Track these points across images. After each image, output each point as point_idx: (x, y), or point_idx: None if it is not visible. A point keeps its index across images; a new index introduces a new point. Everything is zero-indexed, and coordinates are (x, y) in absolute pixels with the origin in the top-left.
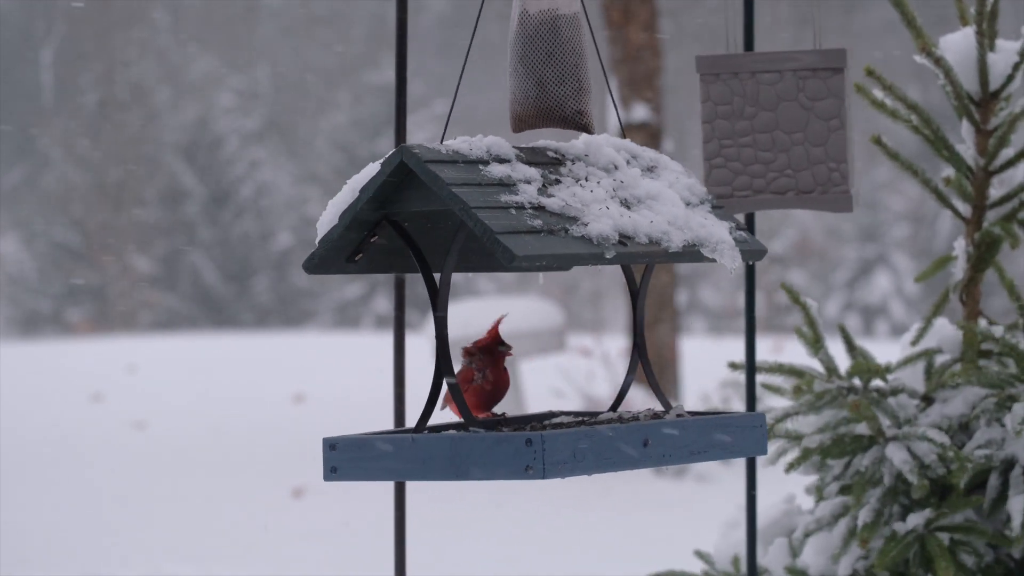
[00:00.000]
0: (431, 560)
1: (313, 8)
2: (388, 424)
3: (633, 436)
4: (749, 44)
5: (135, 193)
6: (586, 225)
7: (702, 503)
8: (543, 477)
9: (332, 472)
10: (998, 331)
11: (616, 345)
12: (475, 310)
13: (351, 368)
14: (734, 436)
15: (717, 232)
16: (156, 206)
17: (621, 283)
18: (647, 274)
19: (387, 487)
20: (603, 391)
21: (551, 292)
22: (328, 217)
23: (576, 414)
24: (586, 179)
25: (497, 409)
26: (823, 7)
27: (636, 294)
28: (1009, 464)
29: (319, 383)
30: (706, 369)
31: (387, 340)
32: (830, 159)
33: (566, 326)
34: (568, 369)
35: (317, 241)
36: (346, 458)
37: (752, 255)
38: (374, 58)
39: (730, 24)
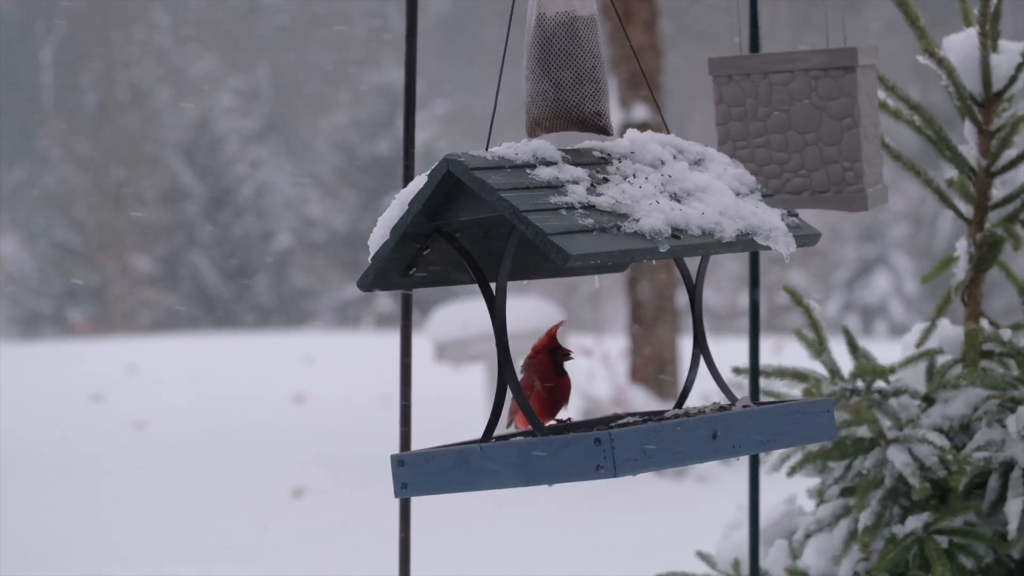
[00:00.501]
0: (432, 560)
1: (313, 8)
2: (391, 424)
3: (701, 429)
4: (755, 45)
5: (135, 193)
6: (638, 221)
7: (702, 503)
8: (614, 475)
9: (403, 488)
10: (1007, 334)
11: (616, 345)
12: (474, 310)
13: (351, 368)
14: (802, 423)
15: (770, 219)
16: (156, 206)
17: (621, 284)
18: (703, 267)
19: (386, 487)
20: (603, 391)
21: (551, 292)
22: (379, 233)
23: (642, 415)
24: (634, 176)
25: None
26: (823, 7)
27: (693, 289)
28: (1009, 466)
29: (319, 383)
30: (706, 369)
31: (387, 340)
32: (844, 158)
33: (566, 326)
34: (568, 369)
35: (370, 258)
36: (415, 473)
37: (806, 240)
38: (374, 58)
39: (737, 26)
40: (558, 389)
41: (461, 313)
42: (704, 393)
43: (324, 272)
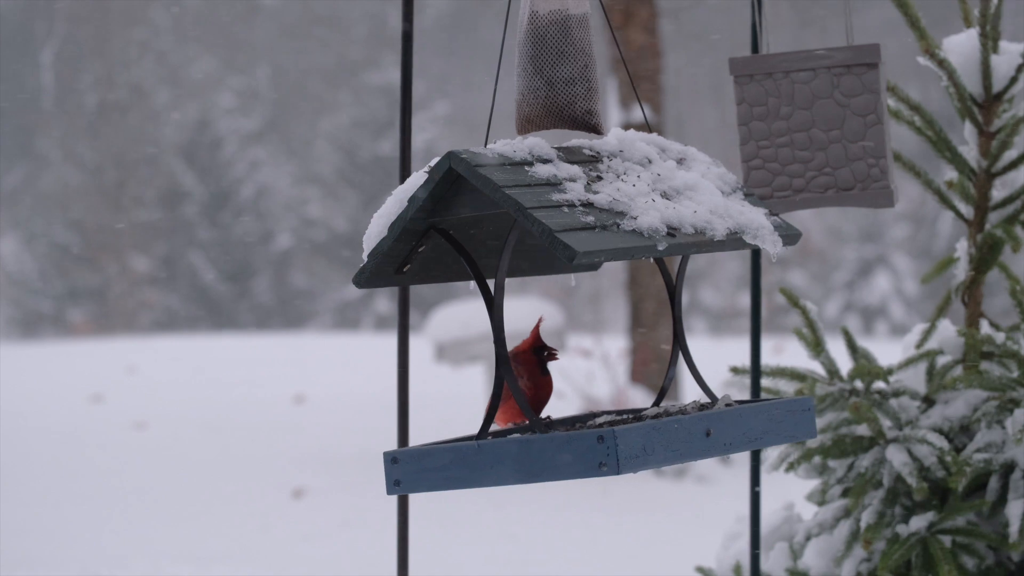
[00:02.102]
0: (431, 560)
1: (313, 8)
2: (391, 424)
3: (697, 427)
4: (755, 46)
5: (135, 194)
6: (635, 219)
7: (702, 504)
8: (617, 472)
9: (396, 485)
10: (999, 338)
11: (616, 345)
12: (475, 310)
13: (351, 369)
14: (784, 421)
15: (756, 218)
16: (156, 207)
17: (621, 283)
18: (682, 267)
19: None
20: (603, 391)
21: (551, 293)
22: (376, 230)
23: (618, 412)
24: (626, 174)
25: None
26: (823, 6)
27: (673, 287)
28: (1009, 467)
29: (319, 384)
30: (706, 369)
31: (387, 341)
32: (869, 155)
33: (566, 327)
34: (568, 369)
35: (366, 255)
36: (409, 470)
37: (789, 239)
38: (375, 58)
39: (738, 26)
40: (542, 388)
41: (461, 314)
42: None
43: (324, 273)
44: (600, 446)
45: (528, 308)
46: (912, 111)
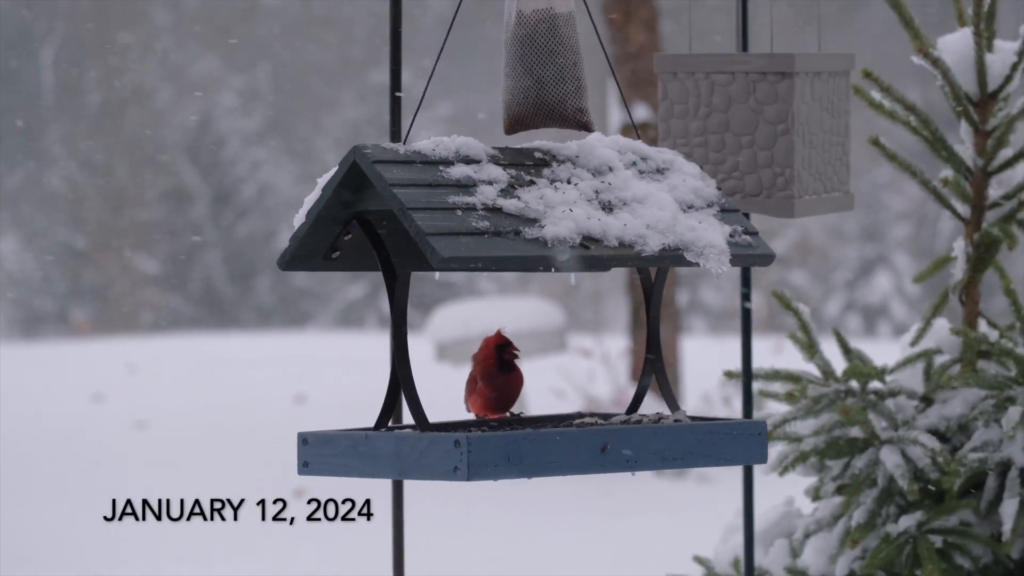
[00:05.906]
0: (430, 560)
1: (314, 8)
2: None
3: (587, 441)
4: (744, 45)
5: (136, 193)
6: (543, 227)
7: (702, 504)
8: (467, 479)
9: (304, 467)
10: (994, 336)
11: (616, 345)
12: (475, 310)
13: (353, 368)
14: (721, 443)
15: (707, 236)
16: (158, 206)
17: (622, 284)
18: (660, 277)
19: (388, 485)
20: (604, 391)
21: (552, 292)
22: (300, 215)
23: (601, 415)
24: (567, 181)
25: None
26: (824, 8)
27: (649, 297)
28: (1005, 466)
29: (321, 383)
30: (707, 369)
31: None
32: (776, 163)
33: (566, 326)
34: (568, 369)
35: (289, 238)
36: (315, 453)
37: (755, 259)
38: (376, 57)
39: (694, 24)
40: (502, 386)
41: (462, 313)
42: (704, 392)
43: (326, 272)
44: (455, 450)
45: (528, 307)
46: (908, 111)
